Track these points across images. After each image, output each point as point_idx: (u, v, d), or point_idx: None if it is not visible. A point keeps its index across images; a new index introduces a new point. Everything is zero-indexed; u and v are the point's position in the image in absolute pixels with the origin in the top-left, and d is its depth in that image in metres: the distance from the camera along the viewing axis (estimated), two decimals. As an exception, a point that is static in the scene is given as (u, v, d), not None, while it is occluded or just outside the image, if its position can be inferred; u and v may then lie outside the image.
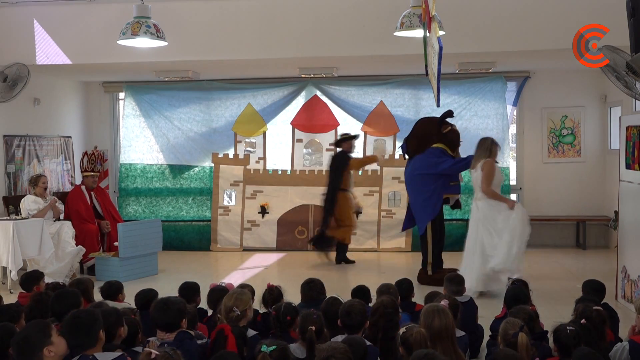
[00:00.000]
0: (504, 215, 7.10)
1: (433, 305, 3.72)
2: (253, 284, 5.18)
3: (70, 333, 3.30)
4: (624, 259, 6.99)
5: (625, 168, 6.99)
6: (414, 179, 7.98)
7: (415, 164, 8.00)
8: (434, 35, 5.40)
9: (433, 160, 7.83)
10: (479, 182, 7.27)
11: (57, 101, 10.64)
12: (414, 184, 8.01)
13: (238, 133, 10.97)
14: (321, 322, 3.84)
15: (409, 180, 8.14)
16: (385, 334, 4.04)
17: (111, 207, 9.79)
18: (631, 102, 8.94)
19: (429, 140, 7.97)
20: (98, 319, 3.39)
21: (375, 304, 4.29)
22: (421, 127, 8.18)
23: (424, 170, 7.87)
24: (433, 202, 7.89)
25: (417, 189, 7.94)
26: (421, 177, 7.88)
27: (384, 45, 8.03)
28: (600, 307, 4.08)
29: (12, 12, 8.66)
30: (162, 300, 3.96)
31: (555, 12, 7.71)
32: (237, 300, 4.12)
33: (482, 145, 7.43)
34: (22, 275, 5.88)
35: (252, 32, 8.32)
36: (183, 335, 3.79)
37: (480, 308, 5.37)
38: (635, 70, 5.41)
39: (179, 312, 3.84)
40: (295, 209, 10.78)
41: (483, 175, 7.19)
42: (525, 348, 3.51)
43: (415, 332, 3.44)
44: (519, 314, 4.11)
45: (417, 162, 7.97)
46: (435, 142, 7.95)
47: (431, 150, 7.91)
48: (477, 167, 7.34)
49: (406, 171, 8.23)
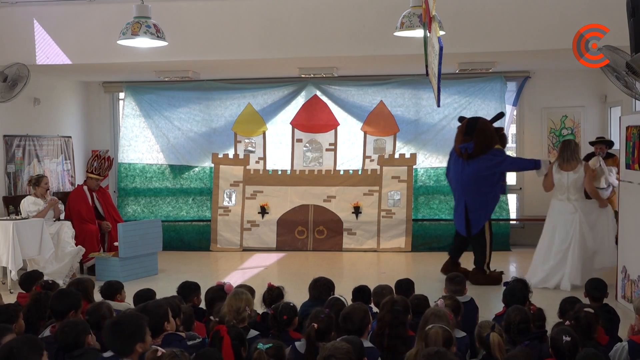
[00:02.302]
0: (597, 213, 7.75)
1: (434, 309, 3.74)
2: (253, 284, 5.18)
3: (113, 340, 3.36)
4: (624, 259, 6.99)
5: (625, 168, 7.00)
6: (477, 180, 8.01)
7: (481, 165, 7.97)
8: (434, 35, 5.40)
9: (499, 159, 8.00)
10: (577, 183, 7.73)
11: (57, 101, 10.63)
12: (475, 185, 8.03)
13: (238, 133, 10.98)
14: (328, 322, 3.82)
15: (471, 181, 8.05)
16: (392, 330, 4.00)
17: (112, 208, 9.80)
18: (631, 102, 8.95)
19: (492, 141, 8.06)
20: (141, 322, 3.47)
21: (385, 299, 4.25)
22: (485, 127, 8.16)
23: (490, 171, 7.98)
24: (494, 202, 8.17)
25: (479, 189, 8.02)
26: (486, 177, 7.99)
27: (384, 45, 8.03)
28: (590, 310, 4.07)
29: (12, 12, 8.65)
30: (140, 308, 3.96)
31: (555, 12, 7.71)
32: (247, 301, 4.16)
33: (567, 147, 7.87)
34: (22, 275, 5.88)
35: (252, 32, 8.31)
36: (171, 338, 3.78)
37: (481, 308, 5.36)
38: (635, 70, 5.41)
39: (158, 316, 3.83)
40: (295, 209, 10.78)
41: (587, 177, 7.68)
42: (498, 347, 3.55)
43: (433, 330, 3.45)
44: (512, 314, 4.12)
45: (483, 162, 7.97)
46: (496, 143, 8.10)
47: (495, 152, 8.04)
48: (577, 169, 7.75)
49: (463, 172, 8.10)
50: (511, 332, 4.05)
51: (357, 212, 10.63)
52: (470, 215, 8.10)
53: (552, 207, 7.95)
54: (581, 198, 7.75)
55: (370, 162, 10.76)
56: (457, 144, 8.22)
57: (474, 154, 7.96)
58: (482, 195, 8.02)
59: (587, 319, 3.96)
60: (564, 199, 7.82)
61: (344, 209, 10.69)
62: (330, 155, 10.86)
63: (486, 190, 8.01)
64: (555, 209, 7.89)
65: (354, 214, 10.65)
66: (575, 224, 7.68)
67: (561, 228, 7.77)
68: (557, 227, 7.80)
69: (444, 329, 3.48)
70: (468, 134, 8.05)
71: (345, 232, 10.66)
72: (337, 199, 10.72)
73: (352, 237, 10.64)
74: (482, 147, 7.97)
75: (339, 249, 10.57)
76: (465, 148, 8.01)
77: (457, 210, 8.31)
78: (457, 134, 8.29)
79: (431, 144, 10.65)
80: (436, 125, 10.61)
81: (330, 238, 10.66)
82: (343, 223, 10.67)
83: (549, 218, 7.97)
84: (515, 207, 11.09)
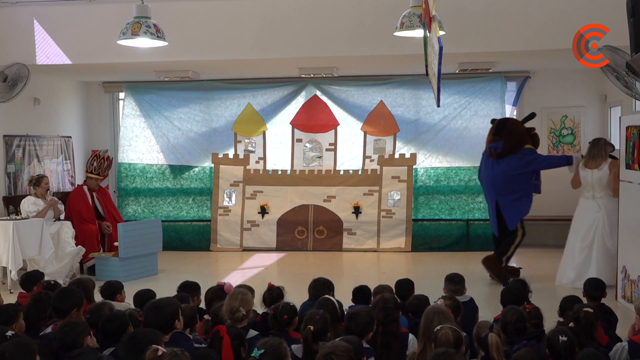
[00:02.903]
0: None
1: (434, 307, 3.74)
2: (253, 284, 5.18)
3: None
4: (624, 259, 6.99)
5: (625, 168, 7.00)
6: (507, 179, 8.06)
7: (511, 164, 8.03)
8: (434, 35, 5.40)
9: (530, 158, 8.02)
10: (602, 181, 7.68)
11: (57, 101, 10.63)
12: (506, 184, 8.08)
13: (238, 133, 10.97)
14: (324, 324, 3.82)
15: (501, 181, 8.12)
16: (384, 328, 4.03)
17: (112, 208, 9.81)
18: (631, 102, 8.94)
19: (523, 141, 8.09)
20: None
21: (376, 298, 4.29)
22: (515, 127, 8.23)
23: (520, 170, 8.01)
24: (526, 201, 8.15)
25: (511, 188, 8.07)
26: (517, 176, 8.03)
27: (384, 45, 8.03)
28: (590, 309, 4.07)
29: (12, 12, 8.65)
30: (154, 303, 3.96)
31: (555, 12, 7.71)
32: (242, 300, 4.13)
33: (596, 145, 7.86)
34: (22, 275, 5.88)
35: (252, 32, 8.31)
36: (178, 336, 3.78)
37: (481, 308, 5.36)
38: (635, 70, 5.41)
39: (171, 314, 3.83)
40: (295, 209, 10.78)
41: (612, 175, 7.54)
42: (496, 348, 3.55)
43: (442, 332, 3.45)
44: (508, 314, 4.13)
45: (513, 162, 8.02)
46: (527, 142, 8.11)
47: (526, 151, 8.05)
48: (601, 167, 7.70)
49: (493, 172, 8.18)
50: (508, 332, 4.05)
51: (357, 212, 10.63)
52: (504, 215, 8.19)
53: (579, 205, 8.00)
54: (607, 196, 7.66)
55: (370, 162, 10.76)
56: (487, 144, 8.34)
57: (503, 153, 8.06)
58: (513, 195, 8.08)
59: (588, 319, 3.96)
60: (590, 196, 7.82)
61: (344, 209, 10.69)
62: (330, 155, 10.86)
63: (517, 189, 8.07)
64: (581, 207, 7.93)
65: (354, 214, 10.64)
66: (597, 223, 7.68)
67: (584, 226, 7.79)
68: (581, 225, 7.83)
69: (453, 329, 3.48)
70: (498, 134, 8.20)
71: (345, 232, 10.65)
72: (337, 199, 10.72)
73: (352, 237, 10.64)
74: (511, 147, 8.04)
75: (339, 249, 10.57)
76: (494, 148, 8.15)
77: (490, 210, 8.44)
78: (488, 135, 8.42)
79: (431, 144, 10.64)
80: (436, 125, 10.61)
81: (330, 238, 10.66)
82: (343, 223, 10.67)
83: (575, 216, 8.02)
84: (515, 207, 11.08)
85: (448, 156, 10.63)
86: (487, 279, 8.21)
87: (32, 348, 3.29)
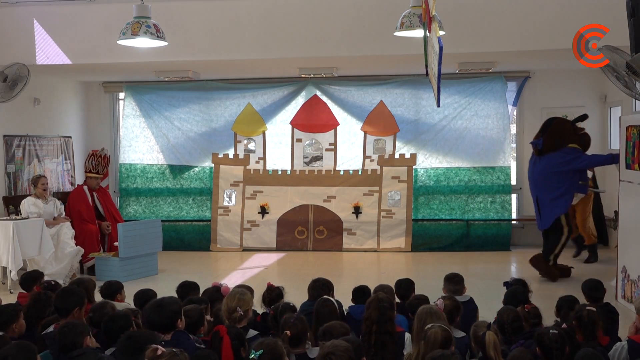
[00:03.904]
0: None
1: (427, 307, 3.75)
2: (253, 284, 5.18)
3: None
4: (624, 259, 6.99)
5: (625, 168, 7.00)
6: (547, 176, 8.14)
7: (550, 161, 8.13)
8: (434, 35, 5.39)
9: (570, 157, 8.07)
10: None
11: (57, 101, 10.64)
12: (546, 181, 8.17)
13: (238, 133, 10.98)
14: (299, 327, 3.75)
15: (540, 177, 8.24)
16: (379, 327, 4.03)
17: (113, 208, 9.81)
18: (631, 102, 8.94)
19: (565, 140, 8.14)
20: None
21: (370, 298, 4.29)
22: (558, 126, 8.31)
23: (560, 168, 8.08)
24: (565, 199, 8.18)
25: (550, 185, 8.14)
26: (556, 174, 8.09)
27: (384, 45, 8.02)
28: (593, 308, 4.06)
29: (12, 12, 8.65)
30: (156, 302, 3.96)
31: (555, 12, 7.71)
32: (240, 300, 4.13)
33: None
34: (22, 275, 5.88)
35: (252, 32, 8.31)
36: (180, 335, 3.78)
37: (480, 308, 5.36)
38: (635, 70, 5.41)
39: (173, 313, 3.83)
40: (295, 209, 10.78)
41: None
42: (493, 347, 3.55)
43: (432, 331, 3.45)
44: (504, 315, 4.12)
45: (553, 159, 8.11)
46: (571, 142, 8.15)
47: (567, 150, 8.11)
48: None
49: (535, 168, 8.34)
50: (505, 332, 4.05)
51: (357, 212, 10.64)
52: (542, 210, 8.27)
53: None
54: None
55: (370, 162, 10.76)
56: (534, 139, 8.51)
57: (543, 150, 8.19)
58: (552, 192, 8.13)
59: (591, 317, 3.94)
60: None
61: (344, 209, 10.69)
62: (330, 155, 10.87)
63: (556, 186, 8.11)
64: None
65: (354, 214, 10.65)
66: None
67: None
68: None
69: (442, 328, 3.49)
70: (542, 131, 8.34)
71: (345, 232, 10.66)
72: (337, 199, 10.72)
73: (352, 237, 10.64)
74: (551, 144, 8.13)
75: (339, 249, 10.58)
76: (536, 144, 8.35)
77: (534, 205, 8.52)
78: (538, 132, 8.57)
79: (431, 144, 10.65)
80: (436, 125, 10.61)
81: (330, 238, 10.66)
82: (343, 223, 10.67)
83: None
84: (515, 207, 11.09)
85: (448, 156, 10.64)
86: (487, 278, 8.20)
87: (33, 350, 3.30)
